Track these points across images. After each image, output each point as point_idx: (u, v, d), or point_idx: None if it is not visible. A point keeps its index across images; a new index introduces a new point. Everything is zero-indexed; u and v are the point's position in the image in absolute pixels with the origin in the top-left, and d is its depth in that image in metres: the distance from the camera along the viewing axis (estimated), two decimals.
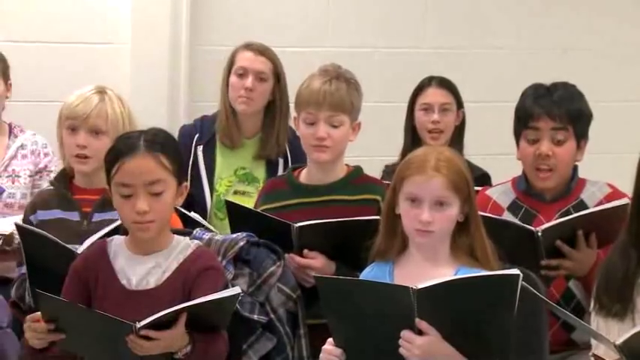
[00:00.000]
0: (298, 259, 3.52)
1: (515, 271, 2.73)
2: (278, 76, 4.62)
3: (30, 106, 4.74)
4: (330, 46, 5.62)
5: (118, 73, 5.27)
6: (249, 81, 4.53)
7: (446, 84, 4.67)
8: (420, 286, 2.70)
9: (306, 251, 3.53)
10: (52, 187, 4.04)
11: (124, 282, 3.11)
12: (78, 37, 5.35)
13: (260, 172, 4.58)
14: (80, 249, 3.39)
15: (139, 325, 2.79)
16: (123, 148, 3.11)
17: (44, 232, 3.59)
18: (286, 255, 3.52)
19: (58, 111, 3.93)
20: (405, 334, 2.74)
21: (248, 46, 4.67)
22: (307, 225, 3.52)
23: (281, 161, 4.58)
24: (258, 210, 3.82)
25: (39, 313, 3.00)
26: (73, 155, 3.87)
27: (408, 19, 5.83)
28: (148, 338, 2.82)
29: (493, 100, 4.71)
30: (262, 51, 4.68)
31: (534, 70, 5.19)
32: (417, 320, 2.73)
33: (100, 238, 3.38)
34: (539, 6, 6.02)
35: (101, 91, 3.92)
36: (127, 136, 3.23)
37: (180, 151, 3.35)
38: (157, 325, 2.82)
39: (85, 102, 3.86)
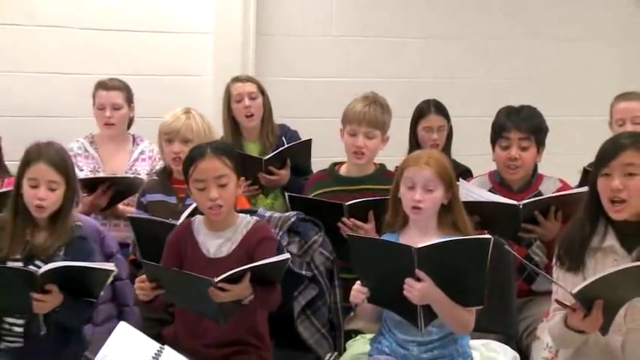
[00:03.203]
0: (355, 221, 3.56)
1: (487, 236, 2.76)
2: (263, 92, 4.55)
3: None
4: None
5: (202, 58, 5.33)
6: (246, 101, 4.47)
7: (441, 110, 4.59)
8: (419, 245, 2.73)
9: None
10: (157, 178, 4.08)
11: (204, 251, 3.12)
12: (170, 26, 5.35)
13: None
14: (179, 222, 3.39)
15: (216, 279, 2.81)
16: (195, 154, 3.13)
17: (151, 217, 3.67)
18: (343, 219, 3.57)
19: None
20: (408, 280, 2.75)
21: (237, 79, 4.62)
22: (354, 203, 3.54)
23: None
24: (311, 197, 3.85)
25: (144, 275, 3.02)
26: (171, 159, 3.93)
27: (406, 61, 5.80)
28: (223, 290, 2.83)
29: (470, 115, 4.69)
30: (248, 78, 4.66)
31: (503, 93, 5.11)
32: (417, 271, 2.74)
33: (187, 216, 3.41)
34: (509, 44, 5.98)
35: (187, 112, 3.99)
36: (198, 146, 3.23)
37: (237, 155, 3.32)
38: (229, 281, 2.84)
39: (176, 120, 3.95)
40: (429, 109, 4.58)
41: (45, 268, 2.95)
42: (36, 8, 5.08)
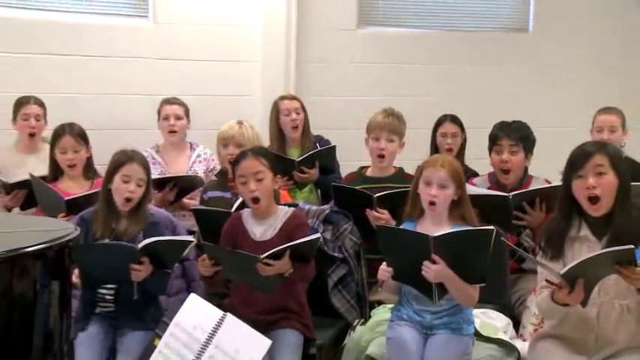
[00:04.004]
0: (376, 213, 3.50)
1: (490, 227, 2.77)
2: (304, 108, 4.58)
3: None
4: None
5: (252, 82, 5.36)
6: (293, 115, 4.51)
7: (456, 120, 4.58)
8: (435, 234, 2.75)
9: (380, 210, 3.51)
10: (216, 178, 4.11)
11: (252, 236, 3.16)
12: (226, 56, 5.36)
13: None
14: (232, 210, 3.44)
15: (262, 257, 2.85)
16: (240, 156, 3.22)
17: (211, 208, 3.69)
18: (367, 210, 3.51)
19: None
20: (426, 263, 2.76)
21: (284, 97, 4.64)
22: (381, 195, 3.52)
23: None
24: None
25: (205, 255, 3.08)
26: (227, 161, 3.92)
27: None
28: (268, 265, 2.88)
29: (471, 127, 4.68)
30: (293, 97, 4.68)
31: (497, 110, 5.08)
32: (433, 255, 2.75)
33: (237, 206, 3.46)
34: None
35: (240, 122, 4.00)
36: (242, 150, 3.32)
37: (273, 157, 3.36)
38: (272, 258, 2.88)
39: (231, 129, 3.96)
40: (446, 119, 4.56)
41: (142, 243, 3.03)
42: (120, 43, 5.14)
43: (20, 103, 4.43)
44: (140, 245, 3.02)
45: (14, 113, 4.43)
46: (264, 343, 1.69)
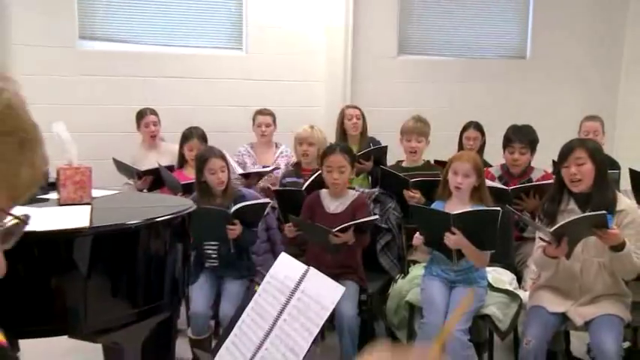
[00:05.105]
0: (411, 193, 3.44)
1: (497, 208, 2.76)
2: (363, 115, 4.51)
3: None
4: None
5: (318, 96, 5.31)
6: (354, 120, 4.44)
7: (478, 126, 4.41)
8: (454, 212, 2.75)
9: (414, 191, 3.45)
10: (292, 168, 4.10)
11: (327, 209, 3.16)
12: (299, 77, 5.33)
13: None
14: (303, 188, 3.44)
15: (334, 230, 2.86)
16: (328, 150, 3.21)
17: (288, 188, 3.70)
18: (404, 190, 3.44)
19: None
20: (447, 234, 2.76)
21: (349, 106, 4.59)
22: (415, 180, 3.48)
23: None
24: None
25: (291, 223, 3.10)
26: (300, 155, 3.94)
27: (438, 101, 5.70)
28: (337, 236, 2.89)
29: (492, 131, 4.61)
30: (355, 106, 4.59)
31: (505, 117, 4.96)
32: (453, 228, 2.74)
33: (307, 187, 3.44)
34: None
35: (312, 126, 4.00)
36: (331, 145, 3.33)
37: (355, 155, 3.32)
38: (340, 231, 2.88)
39: (305, 131, 3.96)
40: (470, 125, 4.42)
41: (233, 208, 3.05)
42: (222, 68, 5.16)
43: (141, 115, 4.51)
44: (232, 210, 3.05)
45: (137, 122, 4.52)
46: (339, 289, 1.72)
